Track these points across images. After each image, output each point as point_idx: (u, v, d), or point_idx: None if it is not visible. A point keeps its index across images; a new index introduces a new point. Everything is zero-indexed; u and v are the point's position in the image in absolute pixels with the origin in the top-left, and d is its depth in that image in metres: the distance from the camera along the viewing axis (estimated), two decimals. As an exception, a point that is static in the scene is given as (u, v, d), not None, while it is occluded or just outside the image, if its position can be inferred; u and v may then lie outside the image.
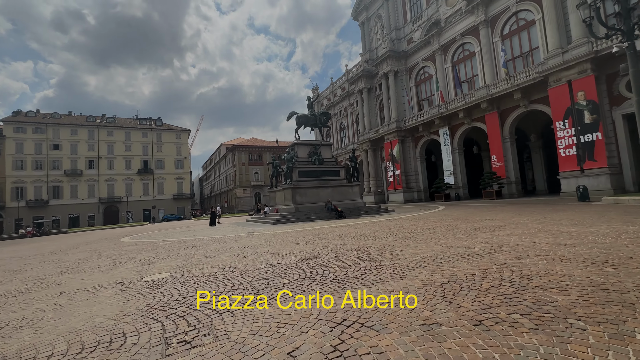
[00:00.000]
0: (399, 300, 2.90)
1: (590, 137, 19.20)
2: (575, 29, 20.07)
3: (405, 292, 3.15)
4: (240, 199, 60.20)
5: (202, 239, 10.95)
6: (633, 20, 9.22)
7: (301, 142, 20.09)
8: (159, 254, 7.85)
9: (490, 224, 8.46)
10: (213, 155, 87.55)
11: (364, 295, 3.16)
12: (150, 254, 8.14)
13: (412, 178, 35.44)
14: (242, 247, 7.81)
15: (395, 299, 2.94)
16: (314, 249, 6.59)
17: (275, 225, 14.70)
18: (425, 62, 34.02)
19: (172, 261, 6.56)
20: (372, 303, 2.89)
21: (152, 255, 7.86)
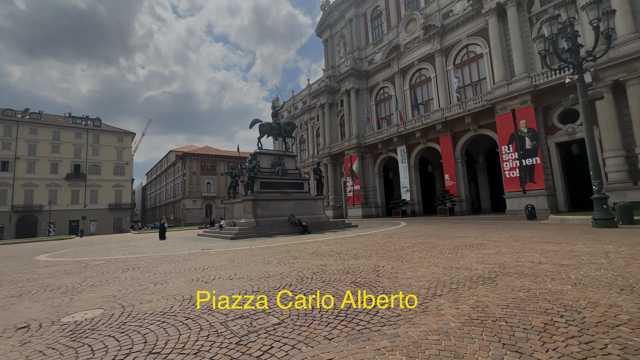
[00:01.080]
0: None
1: (530, 161, 21.23)
2: (517, 64, 22.46)
3: (445, 335, 2.41)
4: (189, 211, 55.70)
5: (146, 258, 9.17)
6: (581, 56, 10.21)
7: (264, 151, 18.97)
8: (88, 279, 6.14)
9: (467, 241, 8.31)
10: (160, 163, 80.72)
11: (396, 344, 2.34)
12: (76, 278, 6.36)
13: (370, 194, 36.02)
14: (200, 269, 6.48)
15: (441, 347, 2.18)
16: (292, 271, 5.61)
17: (235, 241, 13.23)
18: (385, 83, 35.50)
19: (106, 290, 5.04)
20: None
21: (78, 280, 6.12)
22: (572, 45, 10.22)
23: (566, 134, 20.66)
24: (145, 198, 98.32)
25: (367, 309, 3.20)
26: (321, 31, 45.34)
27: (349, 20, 39.99)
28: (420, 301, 3.33)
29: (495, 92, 23.16)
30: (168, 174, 70.54)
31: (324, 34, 44.85)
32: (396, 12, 34.60)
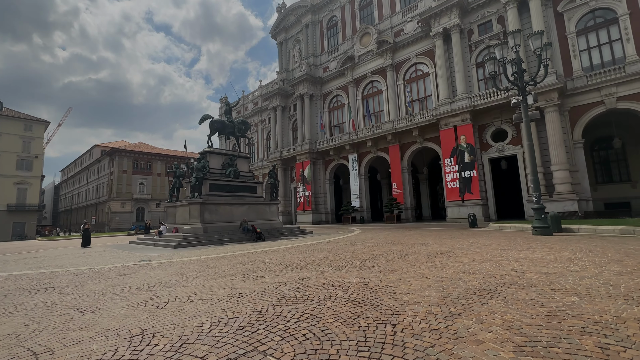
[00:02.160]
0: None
1: (468, 173, 23.33)
2: (459, 85, 24.69)
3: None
4: (115, 215, 48.99)
5: (64, 273, 7.26)
6: (525, 80, 11.37)
7: (215, 150, 17.34)
8: (-26, 308, 4.41)
9: (433, 248, 8.35)
10: (81, 159, 69.99)
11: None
12: (-47, 307, 4.53)
13: (321, 200, 35.95)
14: (144, 288, 5.20)
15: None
16: (266, 287, 4.77)
17: (179, 250, 11.55)
18: (338, 91, 36.11)
19: (4, 325, 3.58)
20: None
21: (-45, 310, 4.34)
22: (517, 70, 11.30)
23: (497, 151, 23.24)
24: (59, 199, 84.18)
25: (393, 339, 2.61)
26: (276, 33, 44.52)
27: (305, 25, 40.01)
28: (443, 324, 2.87)
29: (440, 108, 25.08)
30: (91, 171, 61.41)
31: (279, 36, 44.12)
32: (352, 24, 35.67)
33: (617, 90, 19.15)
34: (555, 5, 21.83)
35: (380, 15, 32.87)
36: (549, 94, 20.11)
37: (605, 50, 20.33)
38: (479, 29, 25.09)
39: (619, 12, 19.61)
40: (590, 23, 20.81)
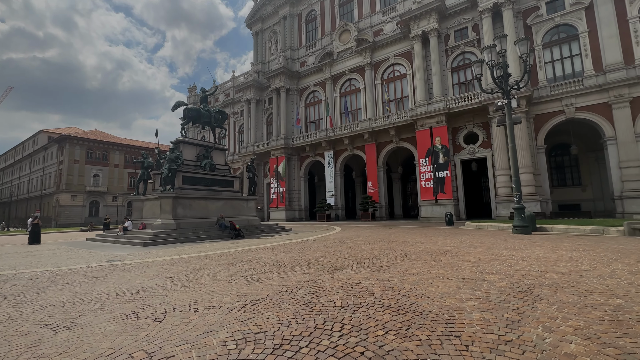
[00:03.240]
0: None
1: (442, 174, 24.11)
2: (435, 87, 25.39)
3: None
4: (65, 209, 44.29)
5: (15, 277, 6.03)
6: (509, 84, 11.76)
7: (189, 140, 16.04)
8: None
9: (429, 247, 8.25)
10: (22, 145, 62.41)
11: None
12: None
13: (295, 196, 35.33)
14: (125, 294, 4.37)
15: None
16: (279, 292, 4.21)
17: (150, 248, 10.39)
18: (316, 87, 35.62)
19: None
20: None
21: None
22: (503, 74, 11.65)
23: (468, 153, 24.28)
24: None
25: (472, 356, 2.24)
26: (252, 23, 42.83)
27: (283, 17, 38.91)
28: (511, 333, 2.56)
29: (417, 109, 25.62)
30: (35, 160, 54.94)
31: (255, 26, 42.52)
32: (331, 20, 35.31)
33: (576, 101, 20.83)
34: (525, 18, 23.21)
35: (360, 14, 32.86)
36: (519, 101, 21.32)
37: (567, 63, 22.01)
38: (455, 34, 25.98)
39: (580, 29, 21.30)
40: (555, 37, 22.40)
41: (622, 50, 19.68)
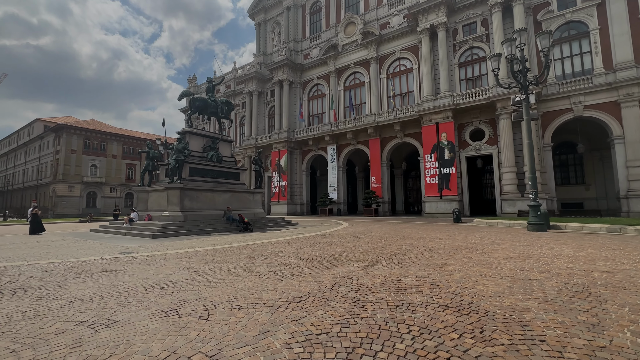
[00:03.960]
0: None
1: (447, 170, 23.97)
2: (443, 83, 25.10)
3: None
4: (62, 199, 43.66)
5: (29, 268, 5.75)
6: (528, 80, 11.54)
7: (196, 131, 15.67)
8: None
9: (449, 243, 8.09)
10: (17, 134, 61.25)
11: None
12: None
13: (296, 191, 35.08)
14: (155, 288, 4.12)
15: None
16: (319, 289, 3.99)
17: (160, 240, 10.12)
18: (319, 80, 35.14)
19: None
20: None
21: None
22: (521, 68, 11.42)
23: (474, 150, 24.14)
24: (-13, 179, 73.22)
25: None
26: (254, 13, 42.04)
27: (286, 8, 38.19)
28: (601, 339, 2.37)
29: (423, 104, 25.36)
30: (31, 149, 53.98)
31: (258, 16, 41.75)
32: (336, 12, 34.71)
33: (585, 99, 20.69)
34: (536, 14, 22.91)
35: (366, 6, 32.30)
36: (527, 98, 21.15)
37: (576, 60, 21.83)
38: (463, 29, 25.64)
39: (591, 26, 21.08)
40: (565, 34, 22.16)
41: (633, 48, 19.51)
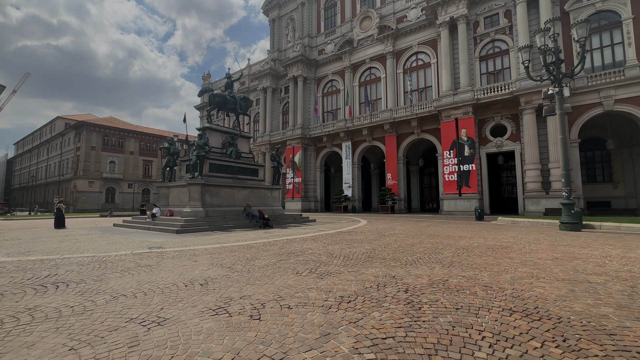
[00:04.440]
0: None
1: (467, 167, 23.35)
2: (463, 77, 24.37)
3: None
4: (82, 194, 44.96)
5: (64, 262, 5.81)
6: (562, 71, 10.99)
7: (215, 127, 15.71)
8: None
9: (481, 242, 7.78)
10: (41, 131, 63.35)
11: None
12: None
13: (310, 187, 34.98)
14: (194, 285, 4.04)
15: None
16: (364, 289, 3.82)
17: (184, 236, 10.17)
18: (334, 76, 34.79)
19: (64, 349, 2.37)
20: None
21: None
22: (555, 60, 10.87)
23: (495, 146, 23.40)
24: (12, 174, 76.31)
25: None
26: (268, 9, 41.90)
27: (301, 3, 37.89)
28: None
29: (442, 100, 24.73)
30: (53, 146, 55.74)
31: (272, 12, 41.59)
32: (351, 6, 34.21)
33: (616, 93, 19.67)
34: (563, 4, 21.88)
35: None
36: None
37: (606, 52, 20.77)
38: (484, 21, 24.79)
39: (623, 15, 19.99)
40: (594, 24, 21.08)
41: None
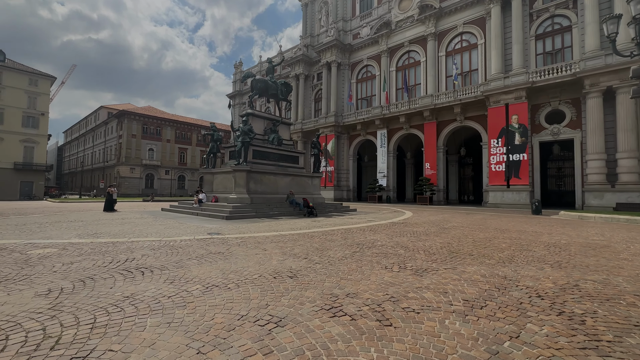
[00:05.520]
0: None
1: (518, 157, 21.60)
2: (516, 58, 22.30)
3: None
4: (125, 180, 47.57)
5: (134, 245, 5.79)
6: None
7: (258, 113, 15.51)
8: (63, 300, 2.93)
9: (564, 238, 6.91)
10: (86, 120, 67.57)
11: None
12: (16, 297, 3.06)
13: (343, 176, 34.43)
14: (282, 276, 3.71)
15: None
16: (487, 292, 3.28)
17: (234, 222, 10.10)
18: (369, 61, 33.47)
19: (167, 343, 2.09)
20: None
21: (42, 303, 2.87)
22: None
23: (551, 134, 21.38)
24: (62, 161, 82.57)
25: None
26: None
27: (335, -15, 36.49)
28: None
29: (490, 84, 22.90)
30: (97, 134, 59.28)
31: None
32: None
33: None
34: (642, -30, 19.07)
35: (424, -24, 29.58)
36: (626, 73, 17.98)
37: (696, 25, 17.94)
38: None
39: None
40: (681, -8, 18.23)
41: None
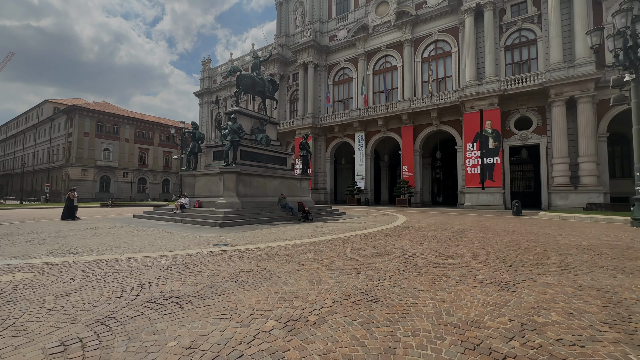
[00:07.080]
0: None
1: (491, 160, 22.72)
2: (488, 67, 23.52)
3: None
4: (75, 183, 42.61)
5: (139, 264, 4.68)
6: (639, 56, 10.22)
7: (245, 111, 14.42)
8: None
9: (578, 240, 7.01)
10: (26, 116, 59.86)
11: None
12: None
13: (320, 179, 33.96)
14: (349, 297, 3.03)
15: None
16: (607, 310, 2.90)
17: (230, 230, 9.06)
18: (346, 64, 33.50)
19: None
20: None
21: None
22: (632, 44, 10.08)
23: (520, 139, 22.80)
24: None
25: None
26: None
27: (311, -15, 36.15)
28: None
29: (465, 90, 23.90)
30: (40, 131, 52.69)
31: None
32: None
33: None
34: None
35: (401, -17, 30.33)
36: (585, 84, 19.75)
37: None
38: (512, 9, 23.91)
39: (659, 6, 19.38)
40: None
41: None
